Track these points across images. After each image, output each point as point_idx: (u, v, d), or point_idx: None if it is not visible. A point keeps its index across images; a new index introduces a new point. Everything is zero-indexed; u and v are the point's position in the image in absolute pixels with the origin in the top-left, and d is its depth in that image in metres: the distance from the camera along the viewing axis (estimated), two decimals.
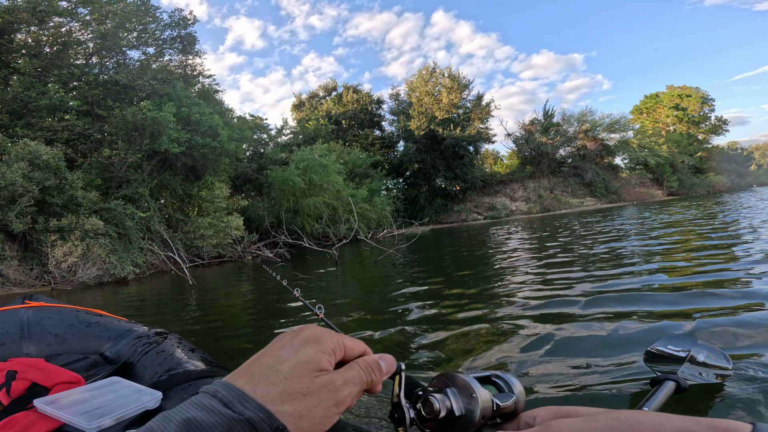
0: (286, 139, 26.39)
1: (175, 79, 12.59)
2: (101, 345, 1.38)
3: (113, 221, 9.20)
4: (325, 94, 33.86)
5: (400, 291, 4.44)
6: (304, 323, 2.00)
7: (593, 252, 5.68)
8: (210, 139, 10.84)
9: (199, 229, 10.95)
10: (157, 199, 11.06)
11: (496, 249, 7.86)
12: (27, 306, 1.43)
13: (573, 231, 9.76)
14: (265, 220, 16.24)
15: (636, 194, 31.27)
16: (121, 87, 11.31)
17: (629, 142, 32.95)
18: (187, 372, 1.13)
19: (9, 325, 1.31)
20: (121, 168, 10.39)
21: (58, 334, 1.34)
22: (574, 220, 15.11)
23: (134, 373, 1.21)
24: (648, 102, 44.36)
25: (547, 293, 3.44)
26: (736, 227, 6.73)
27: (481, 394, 0.39)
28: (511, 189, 31.32)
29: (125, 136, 10.33)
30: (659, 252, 5.15)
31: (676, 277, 3.57)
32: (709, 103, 43.29)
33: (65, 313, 1.44)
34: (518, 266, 5.24)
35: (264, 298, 5.10)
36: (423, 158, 28.36)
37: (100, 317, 1.49)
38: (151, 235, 10.01)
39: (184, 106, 10.96)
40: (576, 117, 32.61)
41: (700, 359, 1.38)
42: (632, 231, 8.15)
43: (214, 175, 12.34)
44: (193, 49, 15.42)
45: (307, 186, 16.38)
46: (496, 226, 17.51)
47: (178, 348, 1.29)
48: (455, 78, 29.19)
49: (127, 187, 10.11)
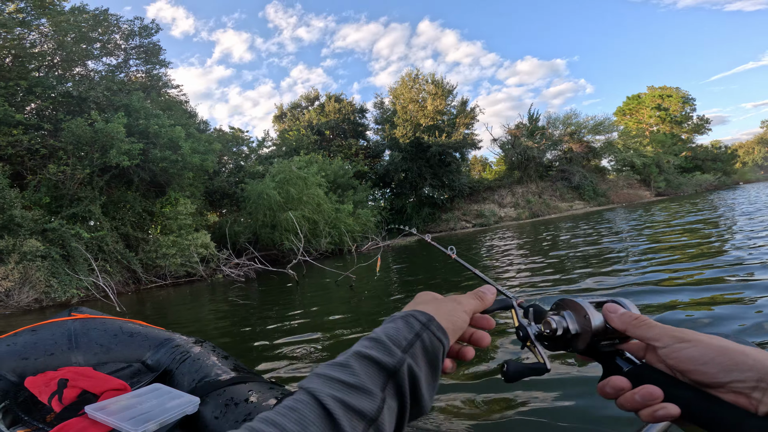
0: (268, 151, 25.60)
1: (134, 90, 11.77)
2: (143, 353, 1.44)
3: (59, 242, 8.27)
4: (308, 104, 33.16)
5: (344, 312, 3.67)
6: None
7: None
8: (170, 152, 9.98)
9: (161, 247, 10.03)
10: (114, 217, 10.13)
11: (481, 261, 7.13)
12: (74, 318, 1.48)
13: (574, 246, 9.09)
14: (240, 236, 15.35)
15: (624, 196, 30.98)
16: (74, 99, 10.46)
17: (614, 144, 32.82)
18: (222, 379, 1.17)
19: (58, 336, 1.37)
20: (71, 185, 9.49)
21: (104, 344, 1.41)
22: (572, 228, 14.51)
23: (174, 379, 1.28)
24: (630, 103, 44.62)
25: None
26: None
27: (593, 315, 0.46)
28: (500, 195, 30.79)
29: (75, 150, 9.46)
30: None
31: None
32: (690, 102, 43.66)
33: (109, 324, 1.50)
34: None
35: (210, 327, 4.26)
36: (409, 167, 27.72)
37: (141, 327, 1.55)
38: (105, 255, 9.08)
39: (142, 118, 10.13)
40: (561, 120, 32.40)
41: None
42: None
43: (180, 191, 11.45)
44: (157, 58, 14.66)
45: (284, 199, 15.53)
46: (485, 234, 16.84)
47: (212, 355, 1.35)
48: (439, 84, 28.75)
49: (77, 205, 9.19)
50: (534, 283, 4.22)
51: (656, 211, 13.82)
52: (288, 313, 4.48)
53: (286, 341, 3.24)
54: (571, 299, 0.49)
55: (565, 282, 4.04)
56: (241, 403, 1.04)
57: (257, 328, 3.93)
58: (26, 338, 1.34)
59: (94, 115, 9.12)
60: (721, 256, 4.16)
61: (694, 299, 2.83)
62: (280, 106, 33.55)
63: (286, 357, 2.83)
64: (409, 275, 6.76)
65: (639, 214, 13.73)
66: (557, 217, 24.26)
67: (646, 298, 3.05)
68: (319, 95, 33.34)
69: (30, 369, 1.24)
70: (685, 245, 5.25)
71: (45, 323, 1.43)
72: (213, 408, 1.05)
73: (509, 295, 0.58)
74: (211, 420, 1.02)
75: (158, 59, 15.18)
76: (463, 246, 11.32)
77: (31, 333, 1.36)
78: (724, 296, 2.82)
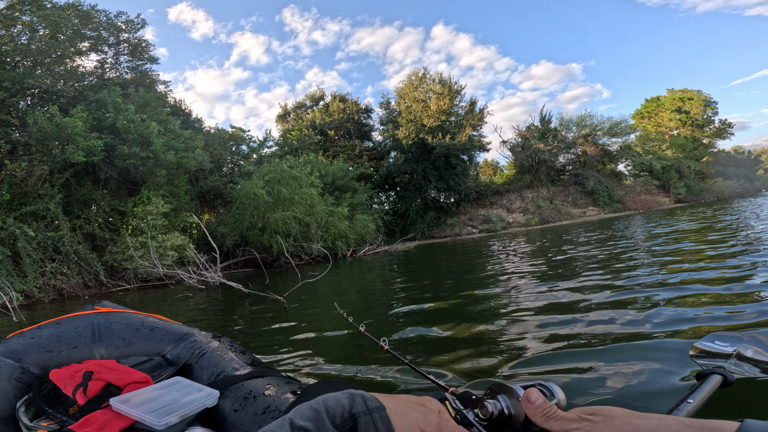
0: (270, 151, 24.99)
1: (112, 85, 11.16)
2: (163, 347, 1.45)
3: (9, 241, 7.63)
4: (312, 104, 32.54)
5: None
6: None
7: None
8: (138, 148, 9.29)
9: (128, 249, 9.34)
10: (78, 216, 9.48)
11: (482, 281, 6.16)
12: (97, 311, 1.48)
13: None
14: (227, 238, 14.63)
15: (642, 202, 29.37)
16: (43, 93, 9.89)
17: (632, 147, 31.23)
18: (240, 373, 1.18)
19: (81, 329, 1.38)
20: (36, 182, 8.88)
21: (126, 338, 1.42)
22: (585, 235, 13.39)
23: (193, 373, 1.28)
24: (649, 106, 42.76)
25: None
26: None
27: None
28: (508, 200, 29.53)
29: (40, 145, 8.85)
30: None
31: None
32: (712, 105, 41.56)
33: (131, 318, 1.50)
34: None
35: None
36: (413, 168, 26.72)
37: (161, 322, 1.55)
38: (61, 257, 8.41)
39: (110, 112, 9.47)
40: (575, 122, 30.99)
41: (748, 354, 1.33)
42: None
43: (155, 189, 10.76)
44: (146, 54, 14.12)
45: (274, 200, 14.76)
46: (492, 240, 15.79)
47: (230, 351, 1.35)
48: (446, 84, 27.71)
49: (36, 203, 8.56)
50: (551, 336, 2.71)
51: (682, 217, 12.60)
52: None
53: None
54: (504, 384, 0.54)
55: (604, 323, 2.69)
56: (260, 396, 1.03)
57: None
58: (50, 331, 1.35)
59: (52, 109, 8.50)
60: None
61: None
62: (284, 106, 33.01)
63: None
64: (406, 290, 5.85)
65: (663, 221, 12.53)
66: (569, 224, 22.97)
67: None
68: (324, 95, 32.71)
69: (53, 362, 1.24)
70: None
71: (69, 316, 1.43)
72: (232, 401, 1.05)
73: (442, 384, 0.64)
74: (230, 413, 1.01)
75: (148, 55, 14.68)
76: (464, 257, 10.34)
77: (55, 326, 1.37)
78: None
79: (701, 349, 1.44)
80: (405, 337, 2.92)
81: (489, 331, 2.79)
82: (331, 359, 2.56)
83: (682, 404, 0.78)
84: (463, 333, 2.81)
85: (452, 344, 2.62)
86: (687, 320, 2.45)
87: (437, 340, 2.77)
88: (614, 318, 2.72)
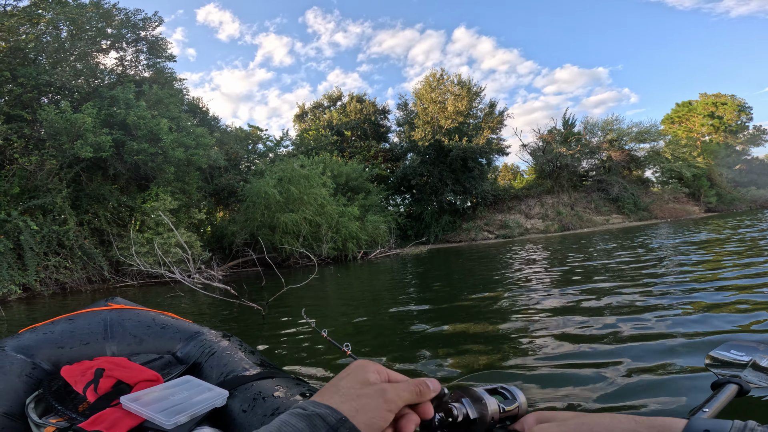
0: (287, 150, 25.01)
1: (127, 82, 11.23)
2: (173, 346, 1.44)
3: (13, 234, 7.65)
4: (330, 104, 32.51)
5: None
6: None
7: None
8: (147, 144, 9.25)
9: (134, 245, 9.30)
10: (87, 210, 9.50)
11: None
12: (110, 308, 1.47)
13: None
14: (236, 236, 14.58)
15: (670, 211, 27.99)
16: (58, 90, 10.00)
17: (661, 153, 29.82)
18: (249, 373, 1.18)
19: (94, 325, 1.37)
20: (47, 176, 8.94)
21: (137, 335, 1.41)
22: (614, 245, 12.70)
23: (202, 372, 1.28)
24: (680, 110, 40.92)
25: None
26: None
27: (489, 401, 0.50)
28: (527, 205, 28.64)
29: (51, 140, 8.92)
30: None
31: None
32: (746, 111, 39.44)
33: (143, 315, 1.50)
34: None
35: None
36: (430, 171, 26.22)
37: (172, 320, 1.54)
38: (65, 251, 8.41)
39: (121, 108, 9.48)
40: (600, 126, 29.84)
41: (763, 364, 1.32)
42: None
43: (165, 185, 10.74)
44: (162, 52, 14.23)
45: (284, 199, 14.62)
46: (508, 246, 15.23)
47: (240, 350, 1.35)
48: (465, 85, 27.15)
49: (44, 196, 8.60)
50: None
51: (710, 227, 11.78)
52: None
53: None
54: (468, 386, 0.54)
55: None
56: (269, 398, 1.02)
57: None
58: (63, 327, 1.33)
59: (64, 105, 8.53)
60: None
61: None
62: (302, 105, 33.08)
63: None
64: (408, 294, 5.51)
65: (694, 231, 11.74)
66: (590, 232, 22.06)
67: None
68: (342, 95, 32.63)
69: (65, 358, 1.23)
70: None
71: (82, 312, 1.41)
72: (241, 401, 1.04)
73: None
74: (239, 413, 1.01)
75: (167, 53, 14.81)
76: (479, 263, 9.90)
77: (68, 322, 1.35)
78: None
79: (717, 358, 1.43)
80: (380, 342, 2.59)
81: (474, 335, 2.43)
82: (291, 363, 2.50)
83: (698, 413, 0.78)
84: (442, 335, 2.47)
85: (431, 346, 2.51)
86: (703, 327, 2.36)
87: (417, 342, 2.46)
88: (623, 323, 2.59)
